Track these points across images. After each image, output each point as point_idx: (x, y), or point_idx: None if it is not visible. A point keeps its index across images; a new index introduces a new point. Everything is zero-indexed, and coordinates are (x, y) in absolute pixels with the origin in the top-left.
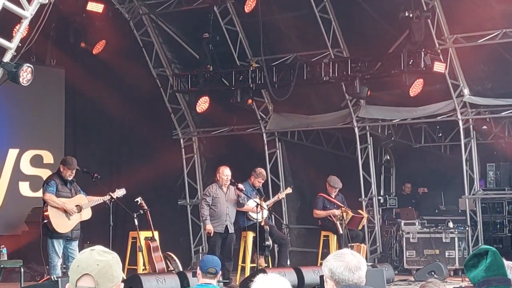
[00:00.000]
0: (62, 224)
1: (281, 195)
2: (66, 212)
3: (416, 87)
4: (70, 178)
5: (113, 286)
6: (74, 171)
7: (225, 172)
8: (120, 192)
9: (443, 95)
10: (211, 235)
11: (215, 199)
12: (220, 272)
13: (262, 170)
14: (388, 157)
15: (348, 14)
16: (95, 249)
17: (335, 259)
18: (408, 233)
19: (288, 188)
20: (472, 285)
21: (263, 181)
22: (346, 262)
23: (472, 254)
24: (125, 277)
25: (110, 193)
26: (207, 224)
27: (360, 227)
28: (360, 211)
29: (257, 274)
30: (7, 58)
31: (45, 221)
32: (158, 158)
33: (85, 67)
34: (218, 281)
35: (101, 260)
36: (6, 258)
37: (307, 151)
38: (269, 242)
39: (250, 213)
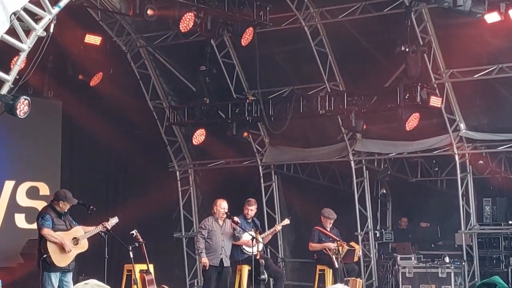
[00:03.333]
0: (61, 258)
1: (279, 226)
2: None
3: (412, 121)
4: (65, 211)
5: None
6: (66, 210)
7: (222, 205)
8: (113, 221)
9: (439, 129)
10: (207, 268)
11: (211, 232)
12: None
13: (250, 198)
14: (385, 191)
15: (345, 48)
16: (89, 283)
17: None
18: (404, 267)
19: (286, 219)
20: None
21: (250, 207)
22: None
23: (482, 282)
24: None
25: (104, 223)
26: (202, 257)
27: (355, 259)
28: (352, 243)
29: None
30: (4, 90)
31: (45, 255)
32: (154, 190)
33: (82, 99)
34: None
35: None
36: None
37: (303, 184)
38: (265, 275)
39: (244, 246)
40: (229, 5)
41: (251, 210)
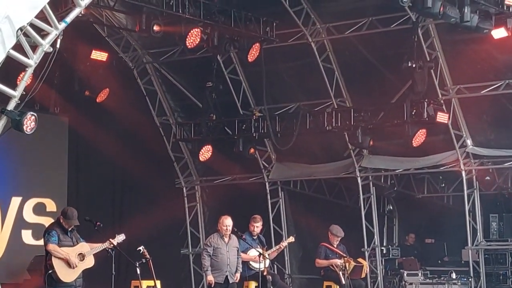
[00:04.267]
0: (67, 273)
1: (284, 244)
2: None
3: (419, 137)
4: (70, 229)
5: None
6: (72, 226)
7: (225, 223)
8: (119, 238)
9: (446, 145)
10: (212, 286)
11: (216, 250)
12: None
13: (255, 215)
14: (391, 207)
15: (351, 64)
16: None
17: None
18: (411, 283)
19: (291, 237)
20: None
21: (256, 224)
22: None
23: None
24: None
25: (110, 239)
26: (208, 275)
27: (363, 275)
28: (360, 259)
29: None
30: (11, 106)
31: (50, 271)
32: (160, 207)
33: (89, 115)
34: None
35: None
36: None
37: (309, 200)
38: None
39: (251, 262)
40: (236, 21)
41: (257, 227)
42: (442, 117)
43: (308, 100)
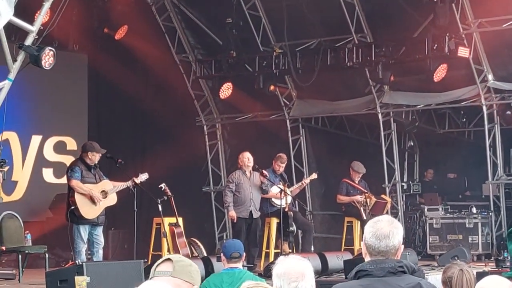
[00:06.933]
0: (89, 210)
1: (306, 180)
2: (92, 198)
3: (440, 72)
4: (95, 163)
5: (187, 282)
6: (100, 155)
7: (246, 156)
8: (143, 177)
9: (467, 80)
10: (235, 221)
11: (239, 185)
12: (244, 255)
13: (282, 154)
14: (412, 143)
15: None
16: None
17: (369, 225)
18: (431, 218)
19: (314, 174)
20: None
21: (282, 164)
22: (376, 229)
23: None
24: None
25: (134, 178)
26: (230, 210)
27: (384, 212)
28: (383, 196)
29: None
30: (29, 41)
31: (72, 207)
32: (181, 145)
33: (108, 53)
34: (243, 265)
35: (184, 259)
36: (31, 244)
37: (330, 137)
38: (293, 228)
39: (273, 199)
40: None
41: (282, 167)
42: (464, 52)
43: (329, 35)
